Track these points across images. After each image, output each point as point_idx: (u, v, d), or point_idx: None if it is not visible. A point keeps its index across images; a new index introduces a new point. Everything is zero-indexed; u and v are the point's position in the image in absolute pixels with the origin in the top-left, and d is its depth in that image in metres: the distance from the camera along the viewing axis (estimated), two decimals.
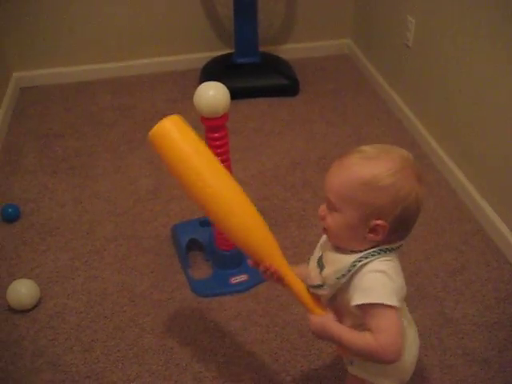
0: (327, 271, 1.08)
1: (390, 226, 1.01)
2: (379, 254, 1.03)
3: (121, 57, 2.96)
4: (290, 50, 3.07)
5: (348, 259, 1.04)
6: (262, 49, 2.86)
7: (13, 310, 1.73)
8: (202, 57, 2.94)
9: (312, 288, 1.14)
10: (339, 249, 1.08)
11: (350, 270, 1.03)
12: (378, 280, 1.01)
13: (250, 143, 2.45)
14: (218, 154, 1.56)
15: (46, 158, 2.40)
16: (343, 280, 1.04)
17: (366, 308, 1.01)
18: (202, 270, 1.87)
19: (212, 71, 2.82)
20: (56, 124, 2.62)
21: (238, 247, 1.23)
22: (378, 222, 1.00)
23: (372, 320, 1.01)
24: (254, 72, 2.77)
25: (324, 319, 1.10)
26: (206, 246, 1.87)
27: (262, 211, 1.97)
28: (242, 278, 1.81)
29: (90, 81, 2.93)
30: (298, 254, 1.91)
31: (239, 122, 2.57)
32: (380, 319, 1.00)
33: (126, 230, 2.03)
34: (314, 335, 1.14)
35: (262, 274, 1.20)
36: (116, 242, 1.98)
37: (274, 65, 2.86)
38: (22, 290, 1.71)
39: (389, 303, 0.99)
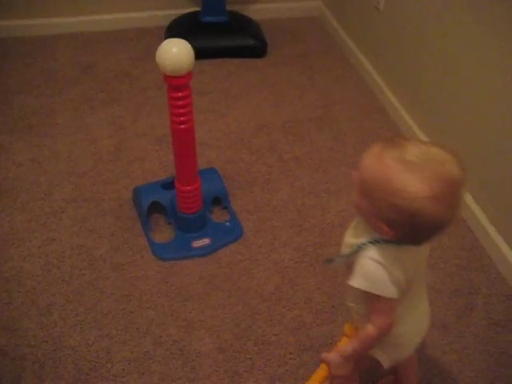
0: (349, 239, 1.10)
1: (396, 234, 0.98)
2: (386, 243, 1.02)
3: (84, 11, 2.84)
4: (259, 10, 2.99)
5: (360, 237, 1.05)
6: (229, 8, 2.78)
7: None
8: (168, 14, 2.84)
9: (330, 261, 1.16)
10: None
11: (355, 251, 1.05)
12: (375, 270, 1.02)
13: (215, 105, 2.39)
14: (181, 115, 1.52)
15: (1, 115, 2.30)
16: (348, 257, 1.07)
17: (361, 290, 1.05)
18: (164, 233, 1.84)
19: (177, 29, 2.73)
20: (14, 80, 2.51)
21: None
22: (384, 228, 0.98)
23: (370, 302, 1.08)
24: (220, 31, 2.69)
25: (339, 352, 1.13)
26: (168, 208, 1.83)
27: (227, 174, 1.97)
28: (205, 241, 1.79)
29: (51, 35, 2.80)
30: (261, 218, 1.89)
31: (204, 83, 2.50)
32: (376, 306, 1.06)
33: (85, 191, 1.97)
34: (342, 374, 1.15)
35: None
36: (75, 203, 1.93)
37: (242, 25, 2.78)
38: None
39: (380, 293, 1.03)
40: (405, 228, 0.96)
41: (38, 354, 1.49)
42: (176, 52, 1.40)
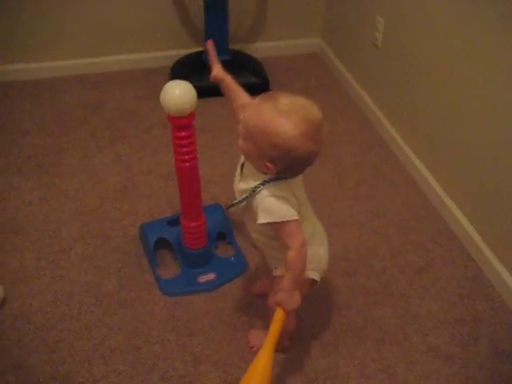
0: (241, 186, 1.32)
1: (279, 169, 1.21)
2: (274, 181, 1.25)
3: (90, 53, 2.93)
4: (260, 49, 3.07)
5: (252, 182, 1.27)
6: (232, 47, 2.85)
7: None
8: (172, 54, 2.92)
9: (227, 206, 1.40)
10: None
11: (251, 195, 1.27)
12: (276, 202, 1.24)
13: (219, 142, 2.44)
14: (185, 153, 1.56)
15: (12, 155, 2.36)
16: (246, 201, 1.29)
17: (272, 225, 1.26)
18: (170, 268, 1.87)
19: (182, 69, 2.81)
20: (23, 121, 2.58)
21: None
22: (268, 164, 1.20)
23: (280, 232, 1.27)
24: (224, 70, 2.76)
25: (282, 288, 1.30)
26: (174, 244, 1.86)
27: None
28: (210, 276, 1.81)
29: (59, 77, 2.89)
30: None
31: (209, 121, 2.56)
32: (286, 231, 1.26)
33: (93, 228, 2.01)
34: (295, 305, 1.33)
35: None
36: (83, 241, 1.96)
37: (245, 63, 2.86)
38: None
39: (287, 219, 1.24)
40: (284, 162, 1.19)
41: None
42: (179, 94, 1.45)
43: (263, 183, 1.25)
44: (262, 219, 1.25)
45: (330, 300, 1.77)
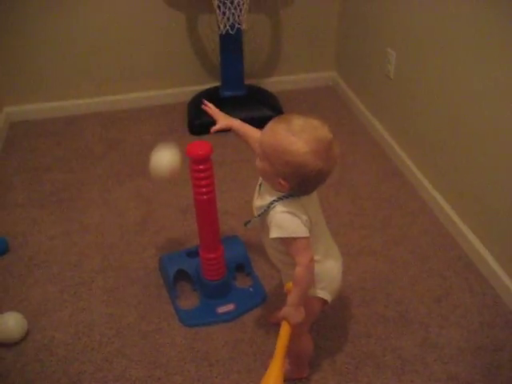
0: (258, 203, 1.39)
1: (292, 186, 1.28)
2: (287, 198, 1.31)
3: (109, 91, 3.02)
4: (275, 83, 3.14)
5: (268, 199, 1.33)
6: (247, 82, 2.93)
7: (0, 344, 1.73)
8: (189, 90, 3.01)
9: (245, 223, 1.46)
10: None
11: (266, 210, 1.34)
12: (287, 218, 1.31)
13: (237, 175, 2.49)
14: (203, 186, 1.60)
15: (34, 191, 2.42)
16: (262, 217, 1.36)
17: (283, 240, 1.32)
18: (190, 300, 1.89)
19: (199, 104, 2.86)
20: (45, 158, 2.65)
21: None
22: (281, 181, 1.27)
23: (290, 248, 1.33)
24: (240, 105, 2.82)
25: (289, 303, 1.35)
26: (193, 276, 1.89)
27: (249, 241, 2.02)
28: (229, 307, 1.83)
29: (79, 115, 2.98)
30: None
31: (226, 154, 2.61)
32: (295, 247, 1.32)
33: (113, 261, 2.05)
34: (299, 319, 1.36)
35: None
36: (104, 273, 2.00)
37: (260, 97, 2.92)
38: (10, 323, 1.72)
39: (298, 236, 1.30)
40: (296, 179, 1.25)
41: None
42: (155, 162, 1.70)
43: (277, 200, 1.32)
44: (274, 234, 1.32)
45: (348, 329, 1.78)
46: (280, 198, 1.32)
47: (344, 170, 2.52)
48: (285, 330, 1.35)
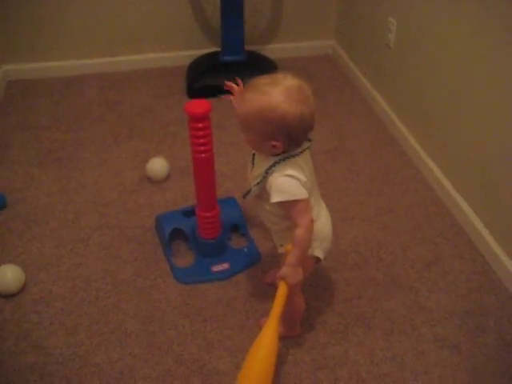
0: (254, 173, 1.40)
1: (284, 142, 1.29)
2: (284, 161, 1.33)
3: (109, 53, 3.01)
4: (274, 50, 3.13)
5: (264, 166, 1.34)
6: (247, 48, 2.92)
7: None
8: (189, 54, 3.00)
9: (245, 194, 1.45)
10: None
11: (264, 177, 1.34)
12: (287, 182, 1.32)
13: (234, 138, 2.50)
14: (201, 144, 1.62)
15: (32, 149, 2.43)
16: (261, 185, 1.37)
17: (283, 204, 1.33)
18: (185, 258, 1.92)
19: (198, 68, 2.88)
20: (43, 117, 2.66)
21: None
22: (273, 142, 1.29)
23: (291, 211, 1.34)
24: (239, 70, 2.81)
25: (288, 263, 1.36)
26: (189, 235, 1.92)
27: (244, 203, 2.05)
28: (224, 266, 1.86)
29: (78, 76, 2.98)
30: None
31: (224, 118, 2.60)
32: (295, 209, 1.33)
33: (110, 219, 2.07)
34: (298, 280, 1.39)
35: None
36: (100, 231, 2.03)
37: (259, 63, 2.92)
38: (8, 275, 1.75)
39: (298, 198, 1.32)
40: (284, 133, 1.27)
41: (65, 370, 1.57)
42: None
43: (274, 164, 1.33)
44: (275, 198, 1.32)
45: (340, 290, 1.81)
46: (277, 162, 1.33)
47: (341, 138, 2.53)
48: (282, 290, 1.38)
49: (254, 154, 1.43)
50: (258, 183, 1.38)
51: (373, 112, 2.72)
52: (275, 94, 1.24)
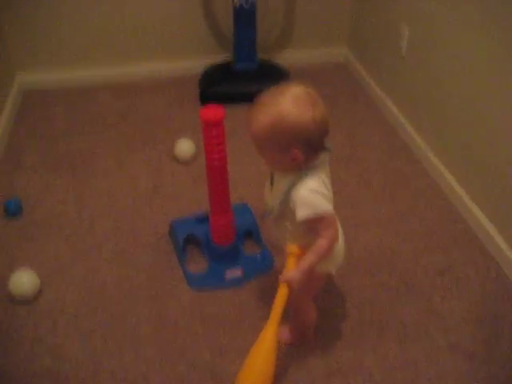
0: (274, 192, 1.37)
1: (302, 151, 1.26)
2: (306, 175, 1.29)
3: (123, 62, 3.04)
4: (287, 58, 3.15)
5: (285, 183, 1.31)
6: (260, 56, 2.94)
7: (13, 300, 1.78)
8: (202, 63, 3.02)
9: (266, 214, 1.42)
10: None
11: (286, 195, 1.30)
12: (311, 197, 1.28)
13: (248, 146, 2.45)
14: (215, 151, 1.63)
15: (48, 156, 2.46)
16: (283, 204, 1.32)
17: (311, 219, 1.28)
18: (199, 264, 1.93)
19: (211, 76, 2.90)
20: (58, 125, 2.69)
21: None
22: (293, 153, 1.25)
23: (319, 225, 1.31)
24: (252, 78, 2.84)
25: (299, 268, 1.34)
26: (202, 241, 1.93)
27: (258, 210, 2.06)
28: (237, 272, 1.87)
29: (93, 85, 3.01)
30: None
31: (237, 127, 2.60)
32: (321, 224, 1.30)
33: (124, 226, 2.09)
34: (302, 287, 1.36)
35: None
36: (115, 237, 2.04)
37: (272, 71, 2.93)
38: (24, 280, 1.77)
39: (323, 213, 1.29)
40: (301, 141, 1.24)
41: (80, 375, 1.58)
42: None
43: (295, 180, 1.30)
44: (300, 215, 1.28)
45: (354, 297, 1.81)
46: (298, 177, 1.29)
47: (354, 145, 2.54)
48: (283, 292, 1.37)
49: (272, 174, 1.40)
50: (280, 202, 1.33)
51: (385, 120, 2.73)
52: (283, 103, 1.23)
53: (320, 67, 3.19)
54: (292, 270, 1.36)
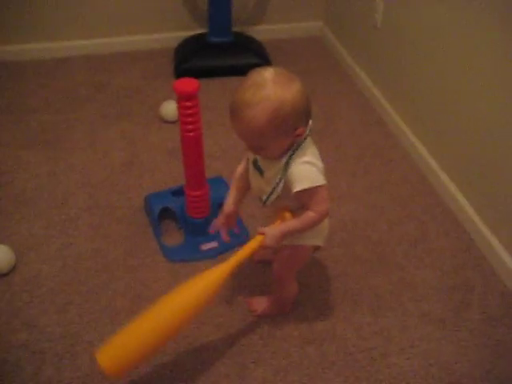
0: (268, 174, 1.35)
1: (303, 125, 1.27)
2: (297, 150, 1.29)
3: (97, 34, 2.99)
4: (262, 31, 3.13)
5: (278, 164, 1.30)
6: (235, 29, 2.92)
7: None
8: (177, 36, 2.99)
9: (263, 201, 1.39)
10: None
11: (284, 170, 1.30)
12: (307, 169, 1.29)
13: (222, 119, 2.50)
14: (190, 123, 1.63)
15: (20, 131, 2.43)
16: (282, 180, 1.31)
17: (304, 191, 1.28)
18: (174, 237, 1.94)
19: (186, 49, 2.87)
20: (31, 99, 2.64)
21: None
22: (297, 131, 1.26)
23: (311, 198, 1.31)
24: (226, 51, 2.82)
25: (279, 227, 1.36)
26: (178, 214, 1.93)
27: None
28: (212, 245, 1.88)
29: (66, 57, 2.96)
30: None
31: (212, 100, 2.62)
32: (316, 196, 1.31)
33: (99, 200, 2.08)
34: (273, 245, 1.37)
35: None
36: (90, 211, 2.03)
37: (247, 45, 2.91)
38: None
39: (319, 184, 1.29)
40: (301, 116, 1.25)
41: (57, 348, 1.59)
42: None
43: (290, 157, 1.29)
44: (298, 187, 1.28)
45: (328, 268, 1.84)
46: (292, 154, 1.29)
47: (329, 118, 2.55)
48: (252, 244, 1.38)
49: (255, 162, 1.38)
50: (279, 180, 1.32)
51: (360, 93, 2.74)
52: (271, 92, 1.19)
53: (296, 41, 3.18)
54: (273, 226, 1.37)
